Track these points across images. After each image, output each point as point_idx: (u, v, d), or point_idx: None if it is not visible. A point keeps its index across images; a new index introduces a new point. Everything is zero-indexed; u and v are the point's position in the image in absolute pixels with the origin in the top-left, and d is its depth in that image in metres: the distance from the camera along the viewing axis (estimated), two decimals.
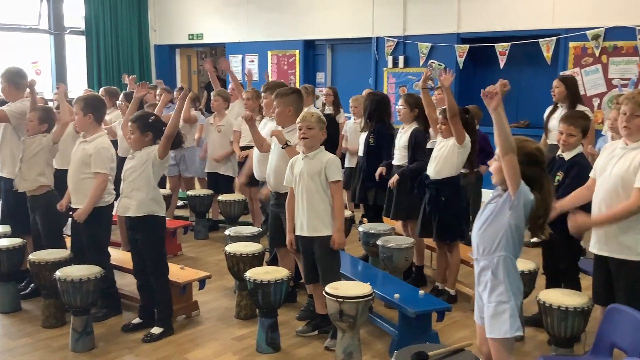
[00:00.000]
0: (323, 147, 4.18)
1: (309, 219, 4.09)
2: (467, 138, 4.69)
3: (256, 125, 5.04)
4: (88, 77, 12.00)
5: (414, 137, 5.25)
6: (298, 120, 4.17)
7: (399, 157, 5.40)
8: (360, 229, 5.49)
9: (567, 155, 4.10)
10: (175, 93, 7.98)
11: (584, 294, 3.66)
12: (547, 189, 2.88)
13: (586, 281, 4.32)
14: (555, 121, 6.01)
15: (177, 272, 4.66)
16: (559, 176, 4.05)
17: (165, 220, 4.47)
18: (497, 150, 2.83)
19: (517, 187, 2.77)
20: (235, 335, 4.40)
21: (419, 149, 5.22)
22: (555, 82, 6.02)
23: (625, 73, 7.67)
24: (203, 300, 4.91)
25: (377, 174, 5.49)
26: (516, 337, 2.90)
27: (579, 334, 3.61)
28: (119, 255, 5.13)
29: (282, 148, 4.44)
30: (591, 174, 3.58)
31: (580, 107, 5.85)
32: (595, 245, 3.45)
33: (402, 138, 5.40)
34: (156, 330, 4.32)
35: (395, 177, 5.30)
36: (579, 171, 3.92)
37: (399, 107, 5.47)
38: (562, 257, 4.05)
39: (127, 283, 5.05)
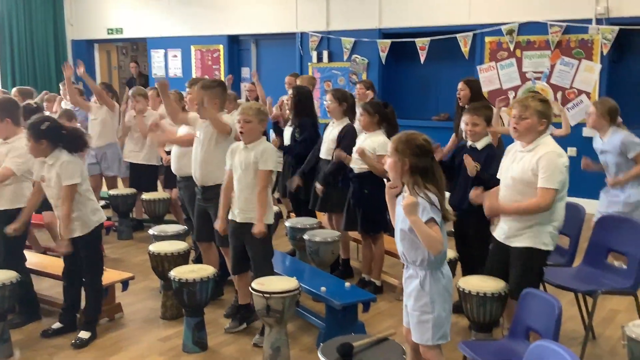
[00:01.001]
0: (264, 137, 4.15)
1: (243, 206, 4.07)
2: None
3: (168, 94, 4.94)
4: (1, 75, 11.46)
5: (345, 132, 5.29)
6: (237, 112, 4.13)
7: (326, 150, 5.44)
8: (287, 223, 5.51)
9: (479, 145, 4.31)
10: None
11: (500, 280, 3.80)
12: (439, 175, 3.01)
13: None
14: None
15: None
16: (477, 167, 4.19)
17: (103, 224, 4.36)
18: (390, 147, 3.01)
19: (440, 251, 2.91)
20: (161, 336, 4.33)
21: (348, 146, 5.25)
22: (460, 85, 5.93)
23: (539, 67, 8.01)
24: (127, 302, 4.80)
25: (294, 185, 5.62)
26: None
27: (497, 319, 3.75)
28: (37, 259, 4.94)
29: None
30: (498, 175, 3.76)
31: None
32: (501, 233, 3.65)
33: (332, 132, 5.44)
34: (84, 334, 4.20)
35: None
36: (496, 166, 4.06)
37: (326, 102, 5.50)
38: (474, 244, 4.23)
39: (45, 287, 4.87)
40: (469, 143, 4.38)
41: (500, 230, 3.67)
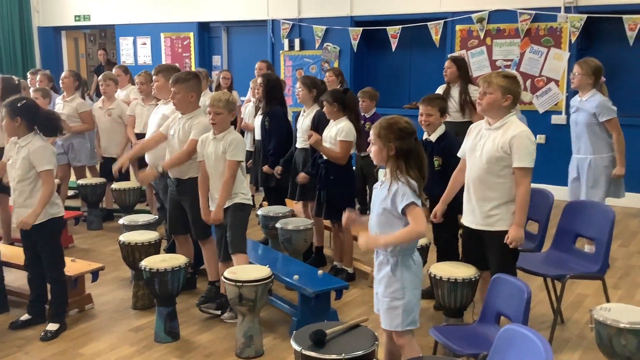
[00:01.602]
0: (232, 127, 4.21)
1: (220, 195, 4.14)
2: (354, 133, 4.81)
3: None
4: None
5: (317, 120, 5.28)
6: (208, 103, 4.16)
7: (301, 140, 5.43)
8: (259, 212, 5.49)
9: (433, 137, 4.41)
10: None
11: (471, 265, 3.84)
12: (422, 154, 3.03)
13: None
14: (450, 101, 6.29)
15: (68, 265, 4.43)
16: (438, 161, 4.34)
17: (63, 217, 4.28)
18: (372, 134, 3.02)
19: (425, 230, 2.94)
20: (132, 327, 4.29)
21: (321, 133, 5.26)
22: (447, 63, 6.20)
23: (508, 54, 8.08)
24: (97, 293, 4.75)
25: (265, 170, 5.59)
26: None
27: (468, 304, 3.79)
28: (4, 250, 4.84)
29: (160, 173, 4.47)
30: (459, 154, 3.84)
31: (472, 87, 6.09)
32: (468, 218, 3.70)
33: (304, 121, 5.43)
34: (52, 326, 4.14)
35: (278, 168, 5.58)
36: (454, 154, 4.19)
37: (297, 89, 5.49)
38: (444, 228, 4.31)
39: (12, 279, 4.78)
40: (425, 136, 4.45)
41: (467, 217, 3.71)
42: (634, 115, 7.31)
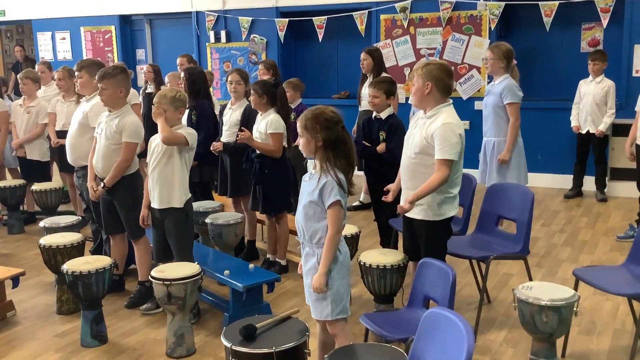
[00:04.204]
0: (181, 122, 4.12)
1: (161, 190, 4.04)
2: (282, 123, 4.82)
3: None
4: None
5: (247, 115, 5.22)
6: (155, 100, 4.02)
7: (229, 134, 5.36)
8: None
9: (383, 115, 4.67)
10: None
11: (399, 252, 3.89)
12: (350, 144, 3.02)
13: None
14: (365, 90, 6.35)
15: None
16: (383, 135, 4.64)
17: None
18: (298, 126, 3.01)
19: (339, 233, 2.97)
20: (57, 332, 4.14)
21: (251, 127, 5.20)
22: (363, 55, 6.31)
23: (432, 43, 8.22)
24: (19, 299, 4.56)
25: (213, 148, 5.40)
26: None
27: (397, 290, 3.85)
28: None
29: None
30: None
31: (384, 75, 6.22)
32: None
33: (232, 115, 5.36)
34: None
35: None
36: (398, 132, 4.48)
37: (231, 84, 5.37)
38: (386, 205, 4.31)
39: None
40: (374, 114, 4.72)
41: (400, 204, 3.73)
42: (552, 99, 7.59)
